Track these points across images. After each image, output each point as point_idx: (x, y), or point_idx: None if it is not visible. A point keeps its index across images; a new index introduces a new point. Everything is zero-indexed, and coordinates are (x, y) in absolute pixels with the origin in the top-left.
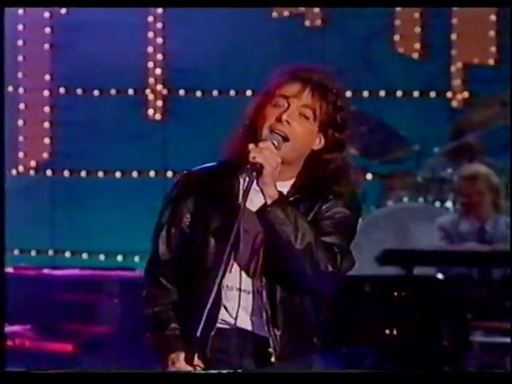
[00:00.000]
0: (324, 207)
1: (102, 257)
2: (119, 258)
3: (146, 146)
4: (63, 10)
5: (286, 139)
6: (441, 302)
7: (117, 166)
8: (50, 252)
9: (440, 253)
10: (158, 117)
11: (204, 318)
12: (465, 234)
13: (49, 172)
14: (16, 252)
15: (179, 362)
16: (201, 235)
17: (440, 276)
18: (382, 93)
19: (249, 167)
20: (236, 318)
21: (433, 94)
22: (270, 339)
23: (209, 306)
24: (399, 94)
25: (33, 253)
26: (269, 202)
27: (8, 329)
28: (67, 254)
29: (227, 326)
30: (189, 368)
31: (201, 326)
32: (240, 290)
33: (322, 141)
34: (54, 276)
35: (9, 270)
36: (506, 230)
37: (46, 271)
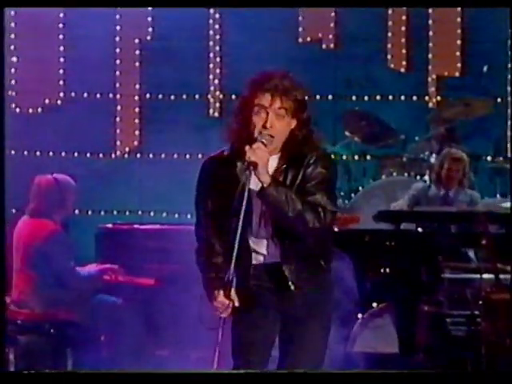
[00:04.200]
0: (307, 171)
1: (176, 216)
2: (188, 216)
3: (207, 136)
4: (148, 37)
5: (272, 137)
6: (420, 249)
7: (186, 150)
8: (140, 212)
9: (419, 213)
10: (216, 115)
11: (233, 261)
12: (432, 198)
13: (138, 155)
14: (115, 212)
15: (220, 297)
16: (227, 204)
17: (420, 230)
18: (378, 97)
19: (246, 164)
20: (264, 257)
21: (415, 98)
22: (286, 272)
23: (235, 253)
24: (390, 97)
25: (127, 213)
26: (265, 185)
27: (106, 267)
28: (151, 214)
29: (259, 262)
30: (226, 301)
31: (231, 270)
32: (260, 237)
33: (294, 122)
34: (142, 230)
35: (109, 225)
36: (465, 198)
37: (135, 226)
